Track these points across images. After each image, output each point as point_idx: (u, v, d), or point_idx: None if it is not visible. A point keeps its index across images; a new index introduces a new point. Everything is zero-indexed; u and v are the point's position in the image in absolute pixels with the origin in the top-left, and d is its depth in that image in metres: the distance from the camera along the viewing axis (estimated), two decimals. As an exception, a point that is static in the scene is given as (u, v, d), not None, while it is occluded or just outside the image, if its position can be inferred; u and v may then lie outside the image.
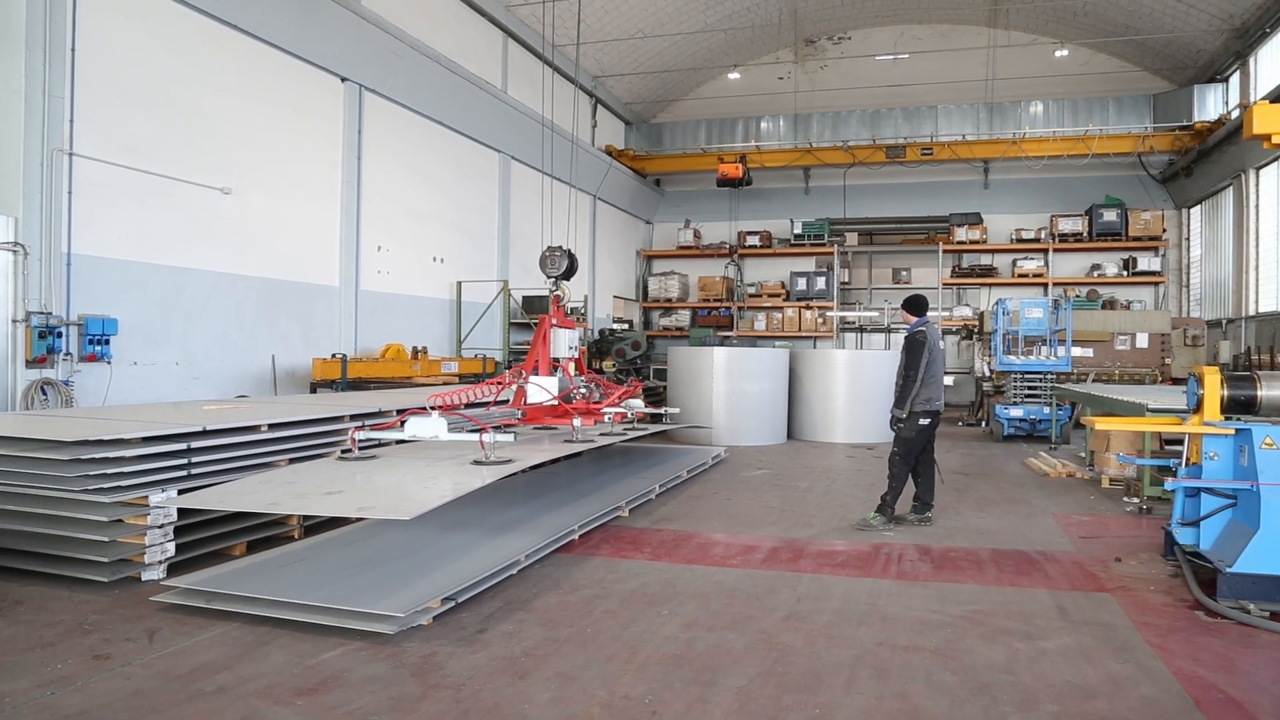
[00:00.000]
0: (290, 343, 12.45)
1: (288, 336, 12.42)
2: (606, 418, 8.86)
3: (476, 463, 6.22)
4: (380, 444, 7.13)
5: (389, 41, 14.01)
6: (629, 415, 9.24)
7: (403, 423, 6.72)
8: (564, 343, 9.23)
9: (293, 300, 12.52)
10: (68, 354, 9.11)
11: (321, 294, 13.13)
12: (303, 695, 3.80)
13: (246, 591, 4.86)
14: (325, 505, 5.17)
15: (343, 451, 6.58)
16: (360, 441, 6.63)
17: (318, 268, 13.07)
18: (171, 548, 5.56)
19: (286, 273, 12.38)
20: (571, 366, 9.45)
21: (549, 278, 9.57)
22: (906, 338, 7.70)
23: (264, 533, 6.34)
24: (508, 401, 8.66)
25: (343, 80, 13.44)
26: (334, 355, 12.17)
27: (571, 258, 9.51)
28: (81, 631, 4.55)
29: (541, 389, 8.58)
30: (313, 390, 11.92)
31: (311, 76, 12.84)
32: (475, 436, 6.50)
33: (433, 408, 6.89)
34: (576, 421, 7.96)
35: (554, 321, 9.22)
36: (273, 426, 6.58)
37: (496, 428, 6.61)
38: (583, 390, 9.29)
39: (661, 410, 10.46)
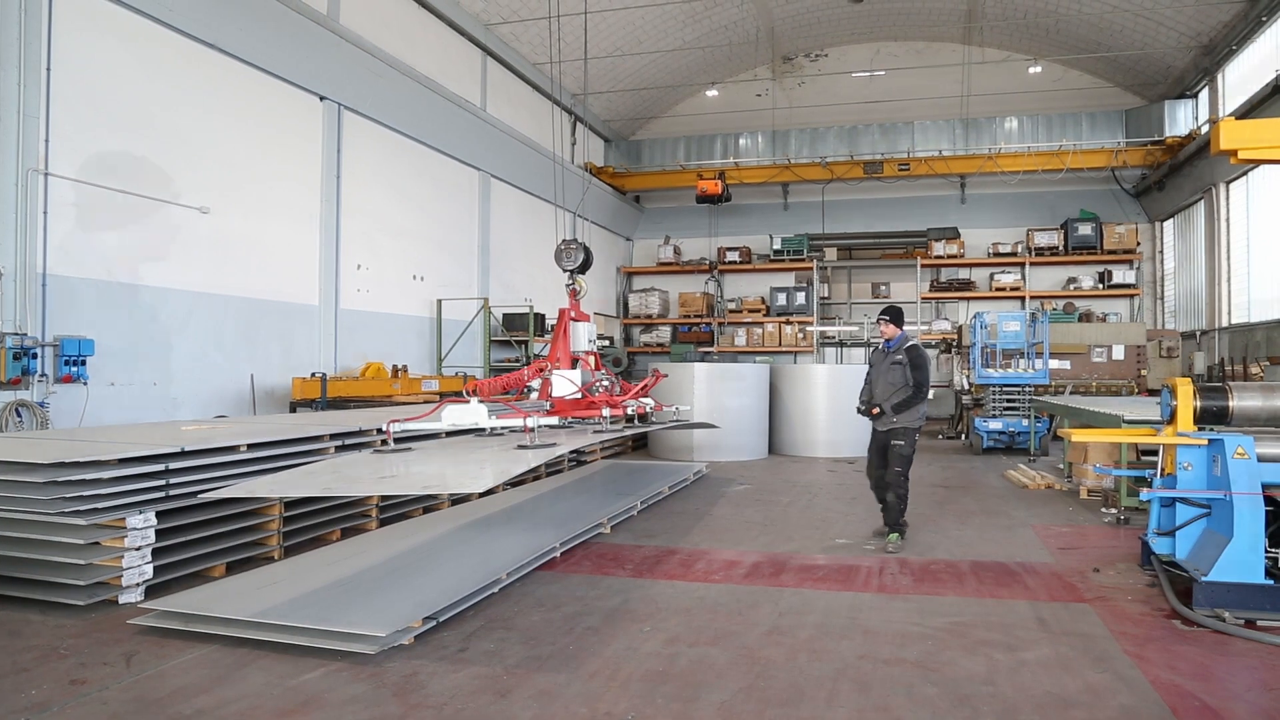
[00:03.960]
0: (270, 362, 12.36)
1: (267, 356, 12.33)
2: (629, 410, 8.72)
3: (521, 447, 6.28)
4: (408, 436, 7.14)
5: (367, 60, 14.03)
6: (648, 410, 9.09)
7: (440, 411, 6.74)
8: (584, 336, 9.12)
9: (272, 319, 12.44)
10: (43, 375, 9.01)
11: (301, 313, 13.06)
12: (283, 717, 3.77)
13: (226, 613, 4.81)
14: (385, 486, 5.14)
15: (382, 443, 6.54)
16: (395, 433, 6.61)
17: (297, 286, 13.00)
18: (149, 569, 5.51)
19: (265, 292, 12.31)
20: (591, 361, 9.30)
21: (565, 270, 9.40)
22: (909, 349, 7.51)
23: (243, 554, 6.29)
24: (532, 394, 8.64)
25: (321, 99, 13.42)
26: (314, 374, 12.11)
27: (587, 251, 9.36)
28: (57, 656, 4.49)
29: (568, 381, 8.49)
30: (292, 410, 11.85)
31: (290, 95, 12.82)
32: (493, 427, 6.66)
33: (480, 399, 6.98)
34: (606, 412, 7.93)
35: (572, 315, 9.09)
36: (252, 447, 6.53)
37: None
38: (604, 383, 9.11)
39: (673, 407, 10.47)
